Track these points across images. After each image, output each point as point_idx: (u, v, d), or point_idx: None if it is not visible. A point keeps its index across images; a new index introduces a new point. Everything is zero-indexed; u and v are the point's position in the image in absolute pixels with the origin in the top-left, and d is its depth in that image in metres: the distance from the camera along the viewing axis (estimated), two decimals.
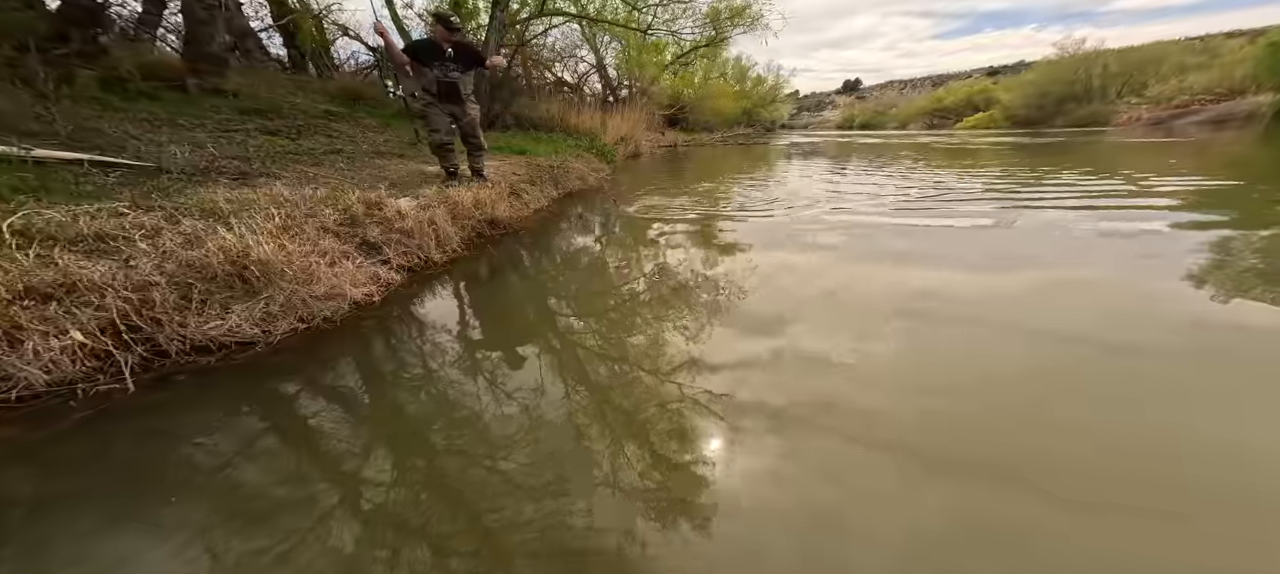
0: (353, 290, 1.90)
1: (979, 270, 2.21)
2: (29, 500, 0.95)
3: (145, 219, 1.62)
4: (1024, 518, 0.88)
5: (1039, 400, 1.21)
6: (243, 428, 1.20)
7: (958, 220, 3.21)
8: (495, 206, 3.21)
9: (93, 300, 1.29)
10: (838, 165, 7.76)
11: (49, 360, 1.20)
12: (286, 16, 6.25)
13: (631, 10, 9.05)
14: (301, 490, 0.99)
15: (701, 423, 1.18)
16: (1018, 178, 5.06)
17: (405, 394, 1.37)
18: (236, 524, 0.91)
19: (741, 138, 18.12)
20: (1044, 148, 9.52)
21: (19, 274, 1.25)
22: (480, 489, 0.99)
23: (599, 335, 1.74)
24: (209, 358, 1.43)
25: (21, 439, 1.09)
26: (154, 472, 1.04)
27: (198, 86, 3.74)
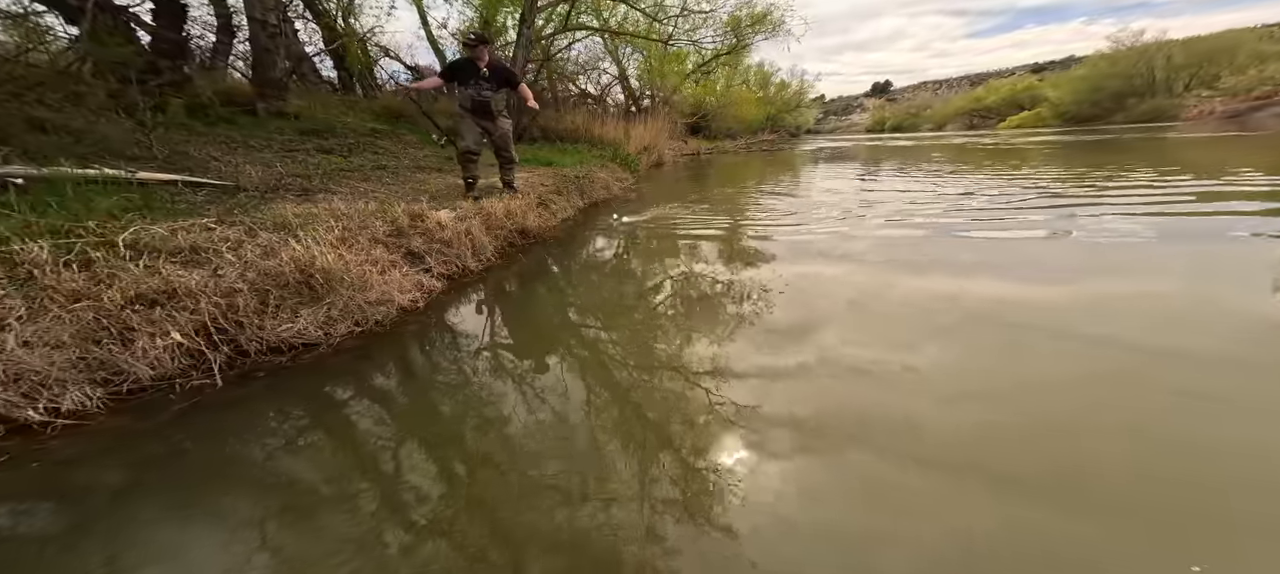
0: (400, 296, 2.04)
1: (1032, 280, 2.09)
2: (123, 486, 1.09)
3: (229, 233, 1.82)
4: (1087, 543, 0.83)
5: (1102, 418, 1.14)
6: (307, 424, 1.32)
7: (1008, 228, 3.03)
8: (525, 217, 3.35)
9: (189, 305, 1.47)
10: (869, 170, 7.53)
11: (154, 358, 1.37)
12: (336, 41, 6.81)
13: (652, 22, 9.24)
14: (352, 487, 1.07)
15: (731, 435, 1.18)
16: (1074, 179, 4.75)
17: (446, 396, 1.46)
18: (293, 517, 0.98)
19: (765, 144, 17.89)
20: (1100, 146, 8.88)
21: (131, 282, 1.44)
22: (512, 493, 1.03)
23: (625, 344, 1.79)
24: (281, 357, 1.58)
25: (131, 428, 1.24)
26: (228, 464, 1.15)
27: (264, 109, 4.15)
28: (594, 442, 1.19)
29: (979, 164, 7.23)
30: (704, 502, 0.98)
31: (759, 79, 20.57)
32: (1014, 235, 2.92)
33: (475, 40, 3.04)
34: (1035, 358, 1.45)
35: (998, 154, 8.71)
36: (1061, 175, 5.18)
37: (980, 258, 2.48)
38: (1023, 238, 2.85)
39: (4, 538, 0.93)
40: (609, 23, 9.57)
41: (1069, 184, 4.48)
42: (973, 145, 11.81)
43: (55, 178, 1.90)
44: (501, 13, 8.01)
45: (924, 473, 1.02)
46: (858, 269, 2.45)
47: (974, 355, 1.49)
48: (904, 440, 1.12)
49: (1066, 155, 7.58)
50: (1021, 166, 6.33)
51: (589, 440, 1.20)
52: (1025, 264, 2.34)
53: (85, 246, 1.50)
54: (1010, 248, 2.66)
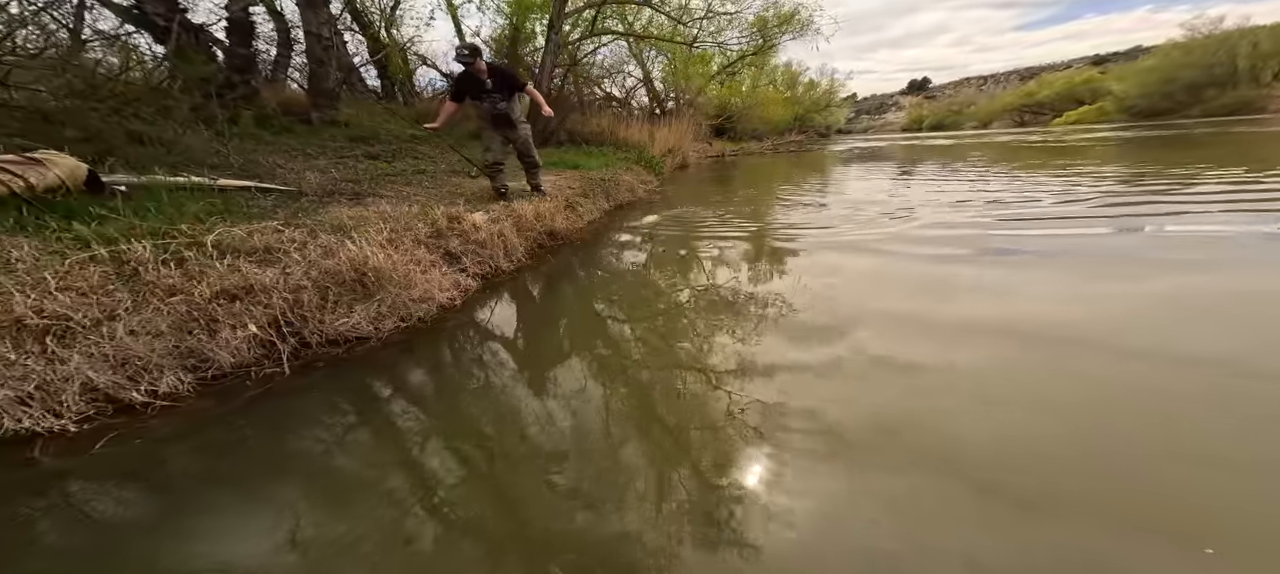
0: (440, 294, 2.17)
1: (1090, 287, 1.94)
2: (201, 468, 1.21)
3: (295, 234, 2.00)
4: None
5: (1170, 437, 1.07)
6: (361, 412, 1.43)
7: (1065, 229, 2.82)
8: (553, 219, 3.45)
9: (263, 300, 1.63)
10: (903, 170, 7.21)
11: (234, 347, 1.53)
12: (381, 51, 7.27)
13: (677, 25, 9.25)
14: (393, 475, 1.16)
15: (753, 439, 1.19)
16: (1143, 177, 4.36)
17: (481, 391, 1.54)
18: (346, 499, 1.07)
19: (792, 145, 17.43)
20: (1172, 141, 8.10)
21: (217, 278, 1.62)
22: (537, 489, 1.07)
23: (649, 345, 1.82)
24: (338, 349, 1.72)
25: (213, 411, 1.39)
26: (291, 449, 1.26)
27: (319, 118, 4.50)
28: (615, 440, 1.23)
29: (1028, 162, 6.76)
30: (723, 506, 0.99)
31: (786, 79, 20.08)
32: (1071, 234, 2.73)
33: (468, 55, 3.01)
34: (1091, 372, 1.36)
35: (1053, 152, 8.09)
36: (1129, 173, 4.76)
37: (1030, 262, 2.34)
38: (1082, 240, 2.66)
39: (107, 510, 1.07)
40: (634, 27, 9.66)
41: (1138, 183, 4.12)
42: (1022, 143, 11.02)
43: (152, 185, 2.16)
44: (530, 19, 8.27)
45: (959, 486, 0.99)
46: (889, 274, 2.37)
47: (1019, 368, 1.42)
48: (937, 451, 1.09)
49: (1134, 152, 6.95)
50: (1081, 164, 5.85)
51: (611, 439, 1.24)
52: (1085, 269, 2.18)
53: (179, 247, 1.70)
54: (1066, 251, 2.49)
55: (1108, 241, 2.62)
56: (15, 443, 1.15)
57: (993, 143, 12.18)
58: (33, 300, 1.33)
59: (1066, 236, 2.75)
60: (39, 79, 2.88)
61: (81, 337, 1.33)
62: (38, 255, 1.51)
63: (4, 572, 0.89)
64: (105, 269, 1.54)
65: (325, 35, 4.47)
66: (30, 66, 2.84)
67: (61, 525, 0.99)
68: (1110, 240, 2.64)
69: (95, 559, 0.91)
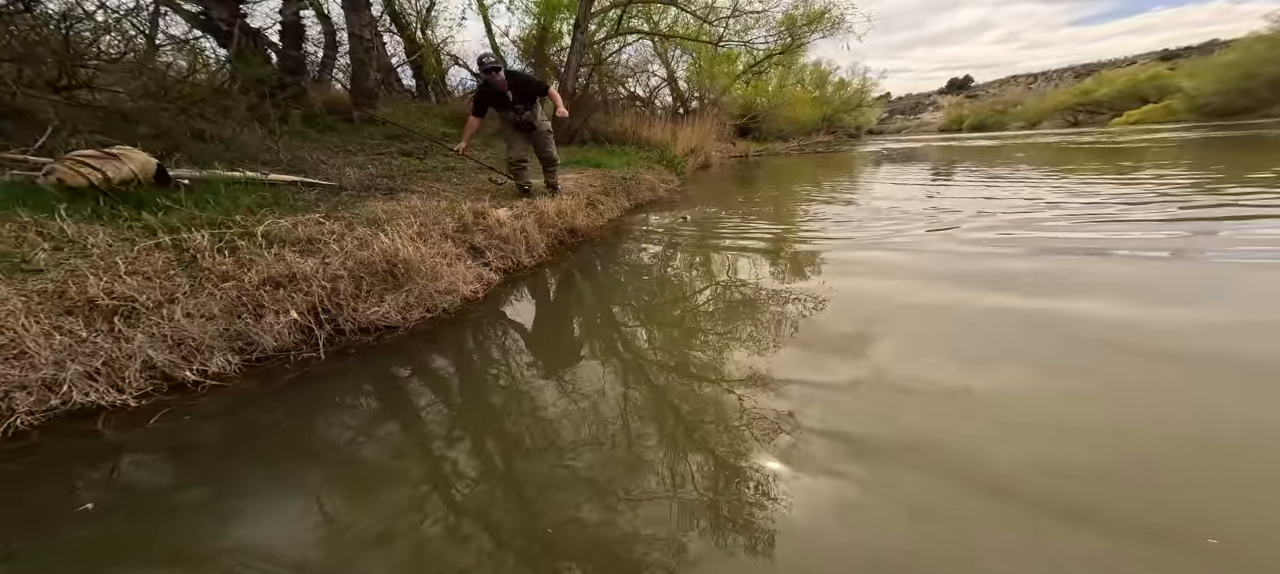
0: (464, 287, 2.23)
1: (1145, 299, 1.77)
2: (239, 444, 1.30)
3: (334, 226, 2.11)
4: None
5: (1230, 466, 0.95)
6: (389, 397, 1.49)
7: (1116, 234, 2.58)
8: (574, 216, 3.48)
9: (304, 288, 1.73)
10: (940, 172, 6.81)
11: (277, 332, 1.63)
12: (416, 52, 7.59)
13: (702, 24, 9.14)
14: (415, 461, 1.20)
15: (767, 445, 1.16)
16: (1216, 181, 3.92)
17: (500, 382, 1.58)
18: (368, 488, 1.10)
19: (820, 146, 16.87)
20: (1245, 142, 7.34)
21: (264, 267, 1.73)
22: (550, 482, 1.09)
23: (665, 345, 1.81)
24: (369, 337, 1.80)
25: (257, 391, 1.48)
26: (324, 431, 1.32)
27: (359, 117, 4.74)
28: (630, 438, 1.24)
29: (1082, 164, 6.23)
30: (736, 511, 0.98)
31: (815, 78, 19.46)
32: (1124, 238, 2.49)
33: (489, 68, 3.04)
34: (1139, 386, 1.24)
35: (1109, 153, 7.42)
36: (1199, 178, 4.29)
37: (1077, 270, 2.15)
38: (1137, 246, 2.41)
39: (154, 484, 1.14)
40: (659, 26, 9.63)
41: (1210, 187, 3.69)
42: (1074, 144, 10.17)
43: (211, 179, 2.34)
44: (557, 20, 8.39)
45: (983, 500, 0.92)
46: (917, 281, 2.24)
47: (1056, 379, 1.31)
48: (962, 465, 1.02)
49: (1201, 152, 6.27)
50: (1144, 166, 5.33)
51: (625, 436, 1.24)
52: (1139, 279, 2.00)
53: (232, 236, 1.83)
54: (1116, 258, 2.28)
55: (1172, 249, 2.36)
56: (82, 415, 1.26)
57: (1039, 144, 11.32)
58: (104, 282, 1.46)
59: (1123, 241, 2.51)
60: (118, 81, 3.19)
61: (145, 317, 1.45)
62: (111, 242, 1.67)
63: (52, 537, 0.97)
64: (168, 255, 1.68)
65: (367, 37, 4.70)
66: (111, 70, 3.15)
67: (113, 496, 1.08)
68: (1174, 248, 2.38)
69: (136, 530, 0.99)
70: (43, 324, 1.29)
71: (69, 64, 2.82)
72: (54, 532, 0.97)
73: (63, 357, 1.26)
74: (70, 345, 1.30)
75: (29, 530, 0.98)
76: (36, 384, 1.21)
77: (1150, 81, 21.29)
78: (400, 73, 7.97)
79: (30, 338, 1.24)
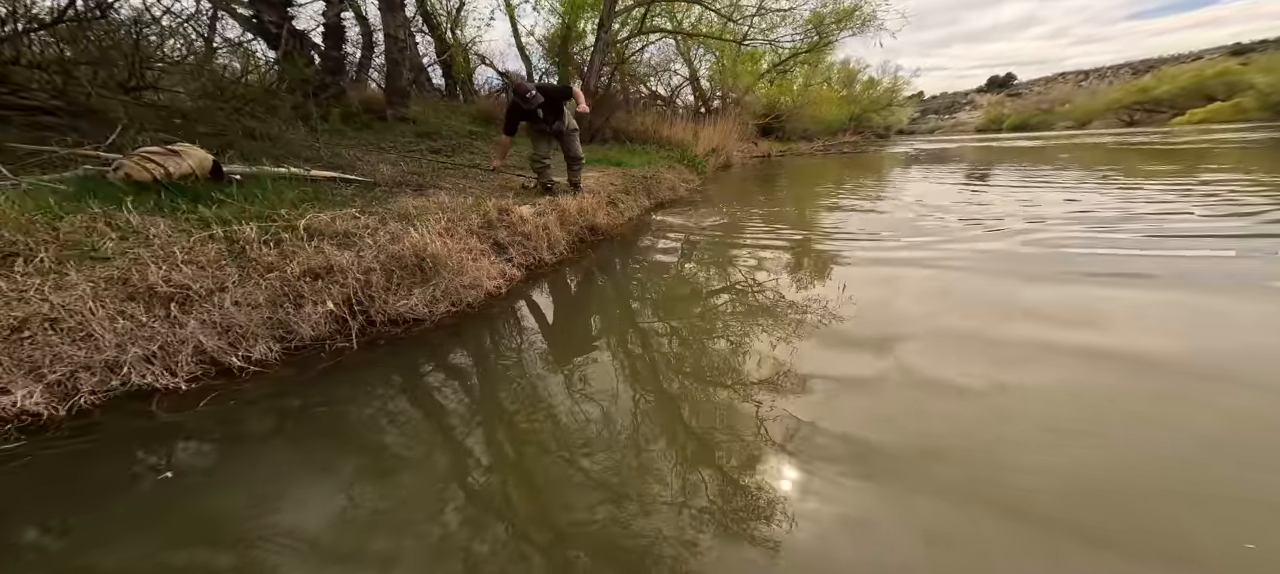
0: (488, 282, 2.26)
1: (1200, 316, 1.62)
2: (273, 429, 1.36)
3: (369, 221, 2.19)
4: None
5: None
6: (416, 387, 1.53)
7: (1172, 248, 2.36)
8: (595, 215, 3.49)
9: (340, 280, 1.80)
10: (976, 175, 6.43)
11: (314, 321, 1.70)
12: (446, 51, 7.82)
13: (726, 22, 8.97)
14: (437, 450, 1.24)
15: (782, 453, 1.14)
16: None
17: (520, 376, 1.60)
18: (391, 476, 1.14)
19: (846, 146, 16.29)
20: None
21: (305, 259, 1.81)
22: (564, 477, 1.11)
23: (682, 346, 1.80)
24: (397, 329, 1.85)
25: (294, 378, 1.55)
26: (357, 416, 1.37)
27: (392, 115, 4.93)
28: (644, 436, 1.25)
29: (1134, 167, 5.72)
30: (747, 519, 0.97)
31: (843, 77, 18.79)
32: (1180, 255, 2.25)
33: (524, 91, 3.10)
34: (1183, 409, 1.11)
35: (1168, 155, 6.79)
36: (1268, 182, 3.84)
37: (1119, 282, 1.99)
38: (1193, 261, 2.18)
39: (200, 464, 1.21)
40: (682, 25, 9.52)
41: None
42: (1127, 145, 9.38)
43: (260, 175, 2.48)
44: (582, 19, 8.45)
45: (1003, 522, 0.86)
46: (944, 289, 2.12)
47: (1101, 399, 1.19)
48: (985, 483, 0.96)
49: (1273, 156, 5.62)
50: (1209, 170, 4.83)
51: (640, 435, 1.25)
52: (1192, 294, 1.81)
53: (278, 229, 1.93)
54: (1171, 273, 2.07)
55: (1228, 265, 2.12)
56: (138, 396, 1.35)
57: (1089, 144, 10.50)
58: (163, 271, 1.56)
59: (1176, 258, 2.28)
60: (180, 82, 3.43)
61: (198, 305, 1.54)
62: (170, 233, 1.79)
63: (102, 512, 1.03)
64: (220, 246, 1.78)
65: (401, 37, 4.88)
66: (174, 72, 3.40)
67: (154, 473, 1.15)
68: (1231, 264, 2.13)
69: (179, 507, 1.05)
70: (108, 309, 1.40)
71: (138, 66, 3.06)
72: (107, 506, 1.04)
73: (124, 340, 1.36)
74: (131, 329, 1.39)
75: (88, 504, 1.05)
76: (100, 365, 1.31)
77: (1218, 77, 19.42)
78: (430, 72, 8.24)
79: (96, 322, 1.34)
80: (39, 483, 1.09)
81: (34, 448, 1.16)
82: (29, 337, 1.27)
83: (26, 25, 2.72)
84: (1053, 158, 7.93)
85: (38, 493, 1.06)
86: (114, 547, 0.94)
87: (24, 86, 2.74)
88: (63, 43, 2.86)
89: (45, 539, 0.96)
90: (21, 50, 2.72)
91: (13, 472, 1.10)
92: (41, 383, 1.22)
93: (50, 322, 1.31)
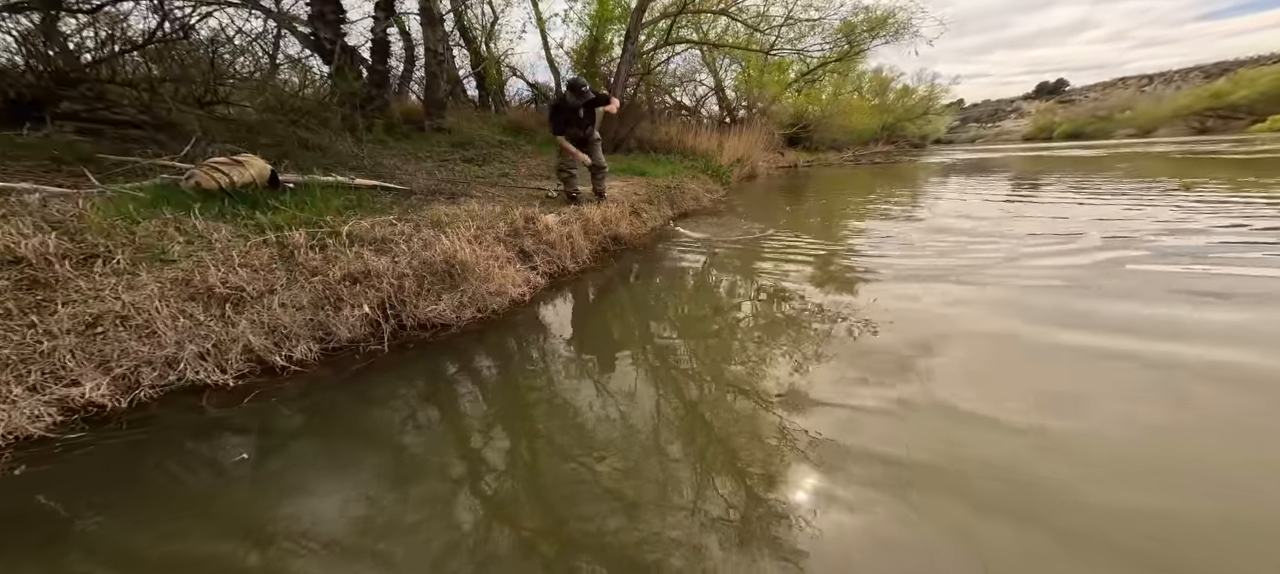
0: (512, 290, 2.29)
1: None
2: (307, 426, 1.41)
3: (404, 227, 2.28)
4: None
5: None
6: (442, 392, 1.56)
7: (1250, 267, 2.08)
8: (618, 224, 3.50)
9: (376, 284, 1.87)
10: (1023, 186, 5.98)
11: (351, 324, 1.77)
12: (480, 64, 8.20)
13: (753, 32, 8.89)
14: (453, 457, 1.25)
15: (801, 469, 1.10)
16: None
17: (541, 383, 1.61)
18: (412, 478, 1.16)
19: (879, 156, 15.68)
20: None
21: (346, 263, 1.90)
22: (581, 486, 1.11)
23: (703, 358, 1.77)
24: (425, 333, 1.90)
25: (330, 378, 1.61)
26: (375, 420, 1.41)
27: (429, 126, 5.19)
28: (661, 447, 1.24)
29: (1211, 176, 5.13)
30: (762, 527, 0.95)
31: (875, 85, 18.19)
32: (1257, 275, 1.97)
33: (581, 88, 3.22)
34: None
35: (1247, 165, 6.05)
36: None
37: (1191, 301, 1.76)
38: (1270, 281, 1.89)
39: (238, 458, 1.26)
40: (708, 36, 9.53)
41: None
42: (1196, 154, 8.48)
43: (310, 183, 2.65)
44: (609, 31, 8.64)
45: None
46: (984, 306, 1.96)
47: (1157, 427, 1.03)
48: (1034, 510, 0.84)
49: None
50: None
51: (657, 446, 1.24)
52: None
53: (323, 235, 2.04)
54: (1246, 292, 1.82)
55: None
56: (190, 391, 1.44)
57: (1155, 155, 9.57)
58: (222, 273, 1.68)
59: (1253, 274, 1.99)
60: (247, 97, 3.76)
61: (249, 306, 1.64)
62: (230, 238, 1.92)
63: (156, 501, 1.10)
64: (272, 251, 1.90)
65: (439, 51, 5.15)
66: (242, 87, 3.72)
67: (205, 467, 1.21)
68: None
69: (214, 497, 1.10)
70: (171, 308, 1.51)
71: (212, 83, 3.37)
72: (160, 495, 1.11)
73: (183, 337, 1.46)
74: (190, 327, 1.50)
75: (142, 493, 1.12)
76: (160, 361, 1.41)
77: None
78: (465, 83, 8.65)
79: (160, 320, 1.45)
80: (101, 470, 1.17)
81: (97, 437, 1.25)
82: (101, 332, 1.39)
83: (123, 47, 3.06)
84: (1111, 167, 7.28)
85: (100, 481, 1.14)
86: (167, 535, 0.99)
87: (117, 103, 3.08)
88: (151, 62, 3.20)
89: (105, 524, 1.03)
90: (117, 70, 3.07)
91: (77, 460, 1.19)
92: (108, 376, 1.32)
93: (121, 319, 1.43)
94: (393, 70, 6.17)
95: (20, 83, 2.73)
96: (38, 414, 1.20)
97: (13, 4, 2.70)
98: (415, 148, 4.54)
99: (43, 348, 1.30)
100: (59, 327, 1.35)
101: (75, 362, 1.31)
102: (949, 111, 27.30)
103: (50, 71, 2.80)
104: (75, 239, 1.67)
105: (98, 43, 3.00)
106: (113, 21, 3.04)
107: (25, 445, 1.18)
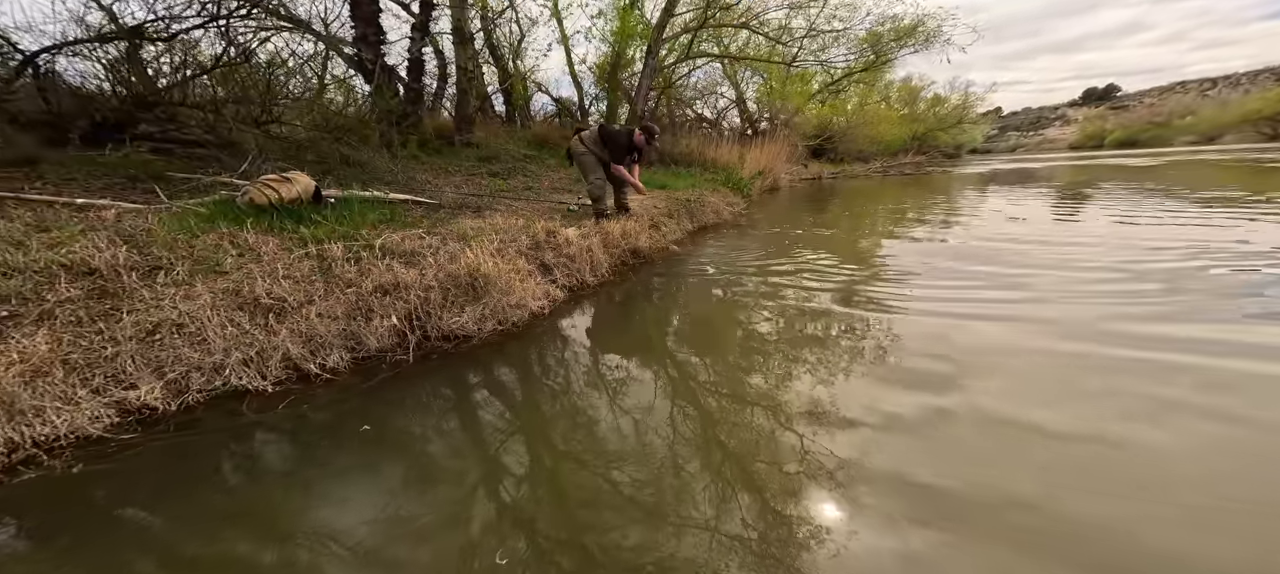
0: (532, 303, 2.32)
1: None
2: (340, 431, 1.45)
3: (432, 240, 2.37)
4: None
5: None
6: (457, 406, 1.58)
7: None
8: (638, 238, 3.50)
9: (404, 296, 1.94)
10: (1070, 201, 5.56)
11: (380, 334, 1.84)
12: (507, 80, 8.55)
13: (775, 45, 8.85)
14: (472, 466, 1.27)
15: (819, 493, 1.08)
16: None
17: (558, 396, 1.62)
18: (432, 485, 1.17)
19: (908, 167, 15.05)
20: None
21: (378, 275, 1.98)
22: (598, 498, 1.11)
23: (720, 372, 1.75)
24: (448, 344, 1.95)
25: (359, 386, 1.67)
26: (399, 429, 1.44)
27: (459, 141, 5.42)
28: (679, 462, 1.22)
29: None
30: (780, 547, 0.93)
31: (904, 94, 17.65)
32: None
33: (654, 134, 3.56)
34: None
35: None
36: None
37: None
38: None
39: (272, 462, 1.32)
40: (729, 49, 9.56)
41: None
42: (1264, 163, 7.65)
43: (349, 198, 2.82)
44: (631, 47, 8.84)
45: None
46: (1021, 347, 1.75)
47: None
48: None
49: None
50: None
51: (675, 461, 1.23)
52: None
53: (359, 248, 2.14)
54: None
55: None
56: (231, 396, 1.52)
57: (1226, 165, 8.70)
58: (267, 285, 1.79)
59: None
60: (297, 115, 4.06)
61: (290, 315, 1.73)
62: (276, 251, 2.05)
63: (199, 502, 1.15)
64: (312, 263, 2.01)
65: (470, 68, 5.41)
66: (293, 107, 4.03)
67: (239, 469, 1.27)
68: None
69: (245, 499, 1.15)
70: (221, 316, 1.61)
71: (268, 103, 3.67)
72: (203, 495, 1.16)
73: (230, 345, 1.55)
74: (236, 335, 1.59)
75: (186, 492, 1.18)
76: (208, 367, 1.50)
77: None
78: (493, 99, 9.03)
79: (211, 328, 1.55)
80: (152, 469, 1.25)
81: (147, 439, 1.33)
82: (159, 339, 1.50)
83: (194, 71, 3.39)
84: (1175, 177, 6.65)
85: (152, 480, 1.22)
86: (212, 536, 1.04)
87: (185, 123, 3.40)
88: (217, 85, 3.52)
89: (156, 523, 1.08)
90: (188, 93, 3.39)
91: (128, 459, 1.27)
92: (162, 380, 1.42)
93: (177, 326, 1.54)
94: (427, 87, 6.53)
95: (106, 107, 3.06)
96: (98, 415, 1.29)
97: (104, 34, 3.04)
98: (445, 162, 4.75)
99: (107, 353, 1.42)
100: (123, 334, 1.47)
101: (134, 366, 1.41)
102: (986, 120, 26.08)
103: (131, 96, 3.12)
104: (143, 252, 1.82)
105: (173, 67, 3.33)
106: (186, 48, 3.37)
107: (83, 445, 1.28)
